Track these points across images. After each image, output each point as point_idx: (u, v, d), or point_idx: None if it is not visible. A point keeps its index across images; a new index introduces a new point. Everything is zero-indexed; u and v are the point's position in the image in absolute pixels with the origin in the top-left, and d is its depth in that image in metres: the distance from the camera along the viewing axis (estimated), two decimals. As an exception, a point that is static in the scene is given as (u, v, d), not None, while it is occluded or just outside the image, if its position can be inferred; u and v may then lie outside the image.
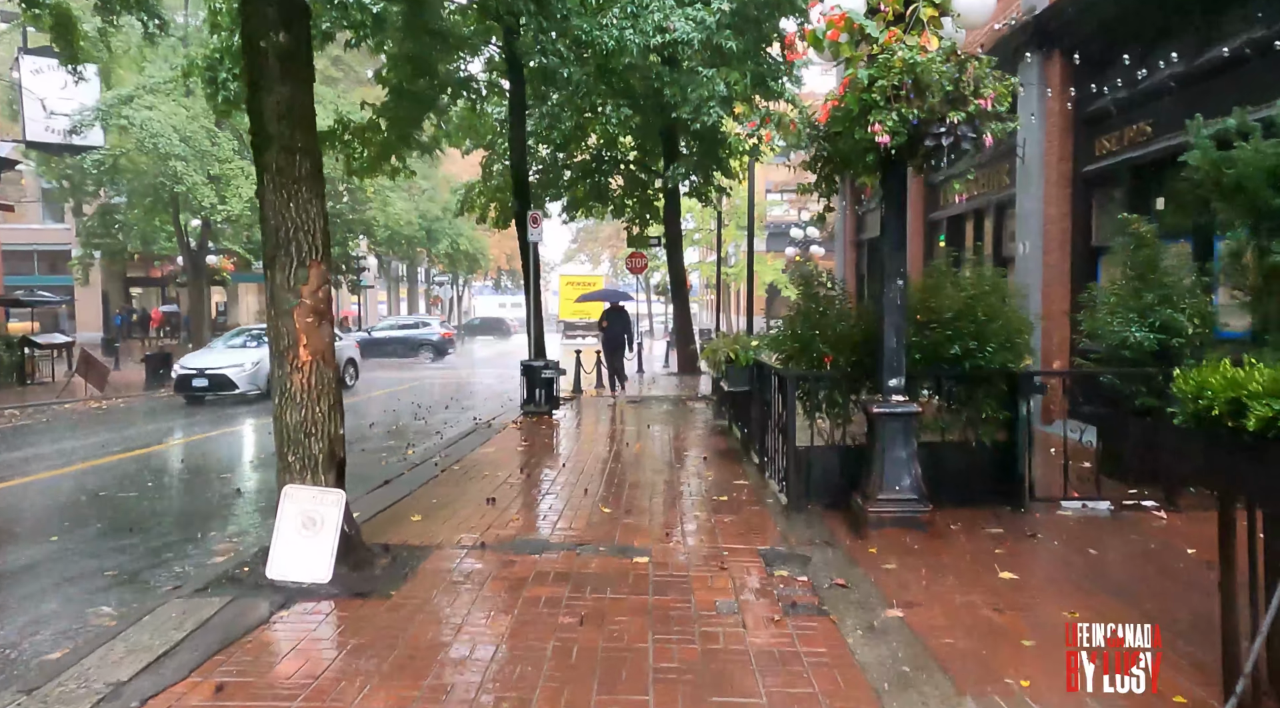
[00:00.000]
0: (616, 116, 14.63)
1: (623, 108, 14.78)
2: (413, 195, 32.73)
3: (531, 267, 13.35)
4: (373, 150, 14.59)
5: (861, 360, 6.47)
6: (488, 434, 10.83)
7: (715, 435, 10.62)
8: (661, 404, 14.39)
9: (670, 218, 20.72)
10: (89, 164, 19.87)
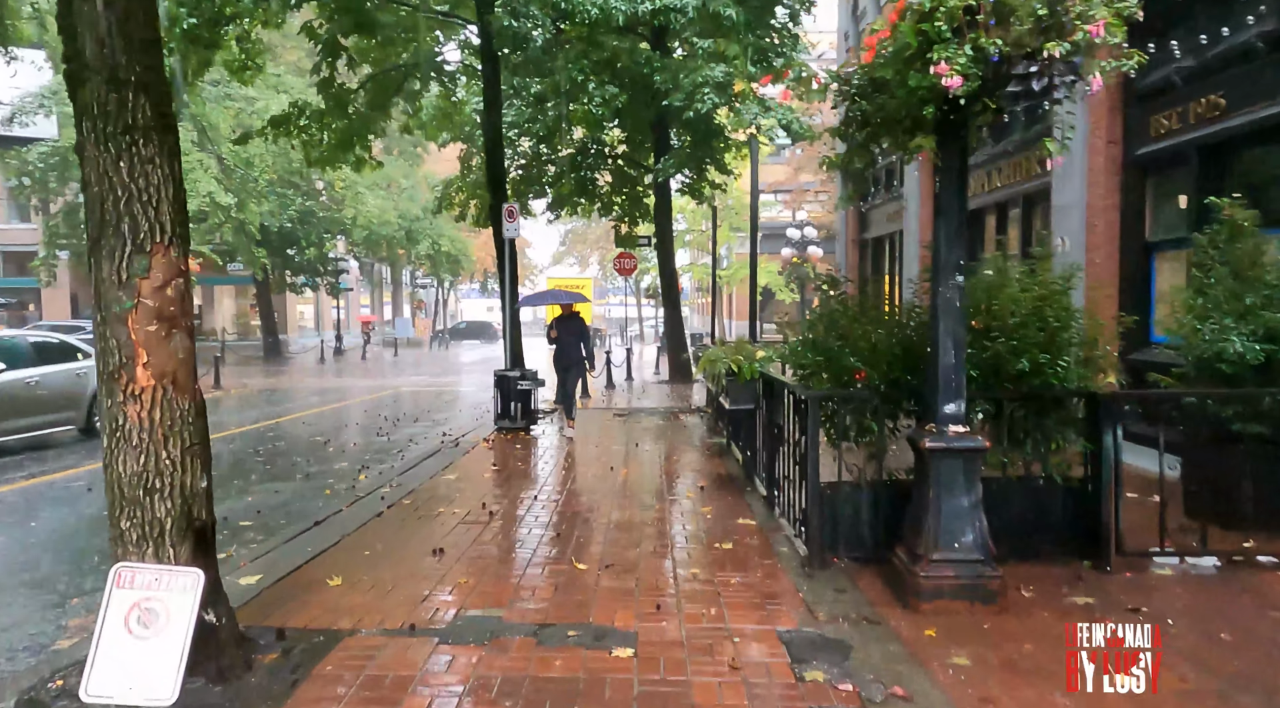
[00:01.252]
0: (601, 94, 13.30)
1: (608, 86, 13.47)
2: (392, 194, 31.34)
3: (507, 265, 12.03)
4: (333, 137, 13.25)
5: (900, 378, 5.18)
6: (453, 456, 9.49)
7: (712, 456, 9.31)
8: (651, 417, 13.07)
9: (661, 216, 19.42)
10: (35, 157, 18.43)
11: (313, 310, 47.65)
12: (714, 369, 7.62)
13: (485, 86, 12.72)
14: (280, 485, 8.47)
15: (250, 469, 9.41)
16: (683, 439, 10.78)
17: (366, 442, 11.50)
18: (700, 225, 37.36)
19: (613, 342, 45.03)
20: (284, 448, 10.95)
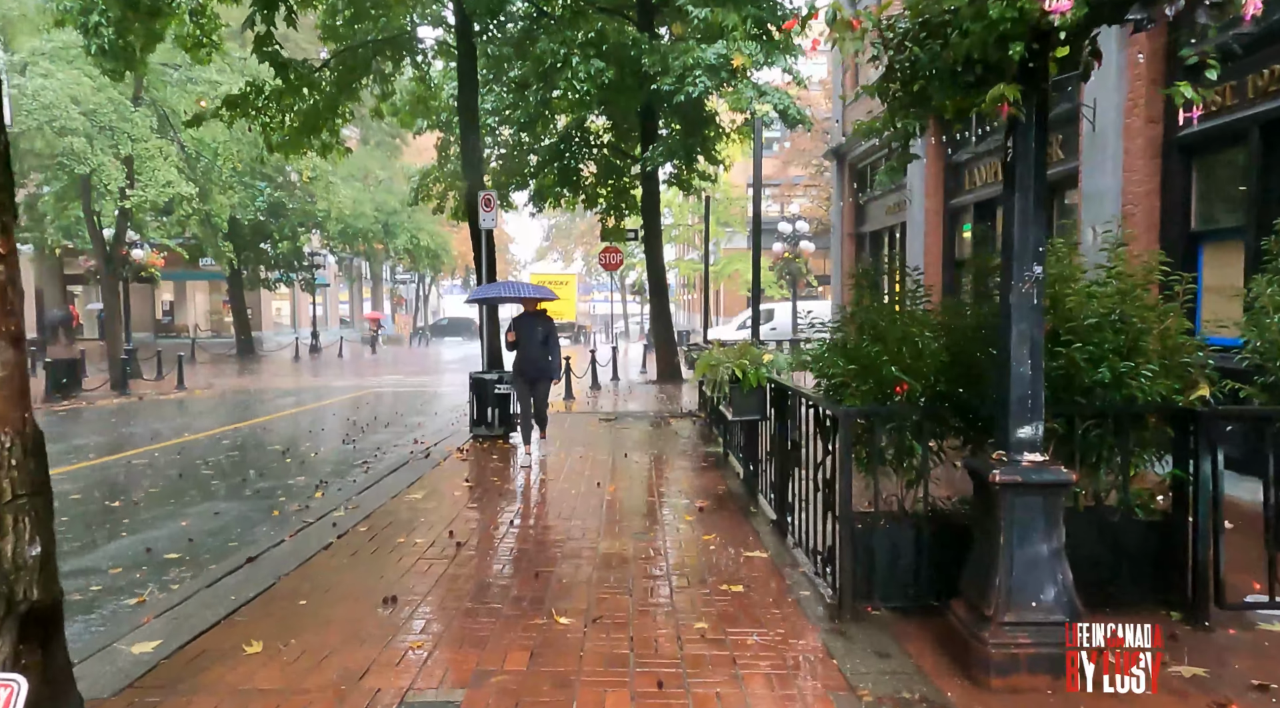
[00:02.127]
0: (586, 69, 12.32)
1: (593, 59, 12.50)
2: (368, 186, 30.22)
3: (484, 257, 11.08)
4: (296, 120, 12.22)
5: (948, 392, 4.30)
6: (422, 468, 8.54)
7: (709, 469, 8.42)
8: (640, 423, 12.16)
9: (648, 208, 18.50)
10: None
11: (290, 307, 46.36)
12: (714, 375, 6.73)
13: (459, 62, 11.76)
14: (223, 506, 7.50)
15: (193, 486, 8.42)
16: (675, 448, 9.87)
17: (330, 451, 10.52)
18: (687, 219, 36.50)
19: (597, 339, 44.21)
20: (237, 459, 9.95)
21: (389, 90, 14.16)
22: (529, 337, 9.07)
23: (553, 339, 9.20)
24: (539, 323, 9.19)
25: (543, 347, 9.10)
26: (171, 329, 41.64)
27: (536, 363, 9.12)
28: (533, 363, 9.12)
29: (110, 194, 16.01)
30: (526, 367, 9.17)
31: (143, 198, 16.48)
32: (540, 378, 9.23)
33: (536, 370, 9.17)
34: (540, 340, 9.07)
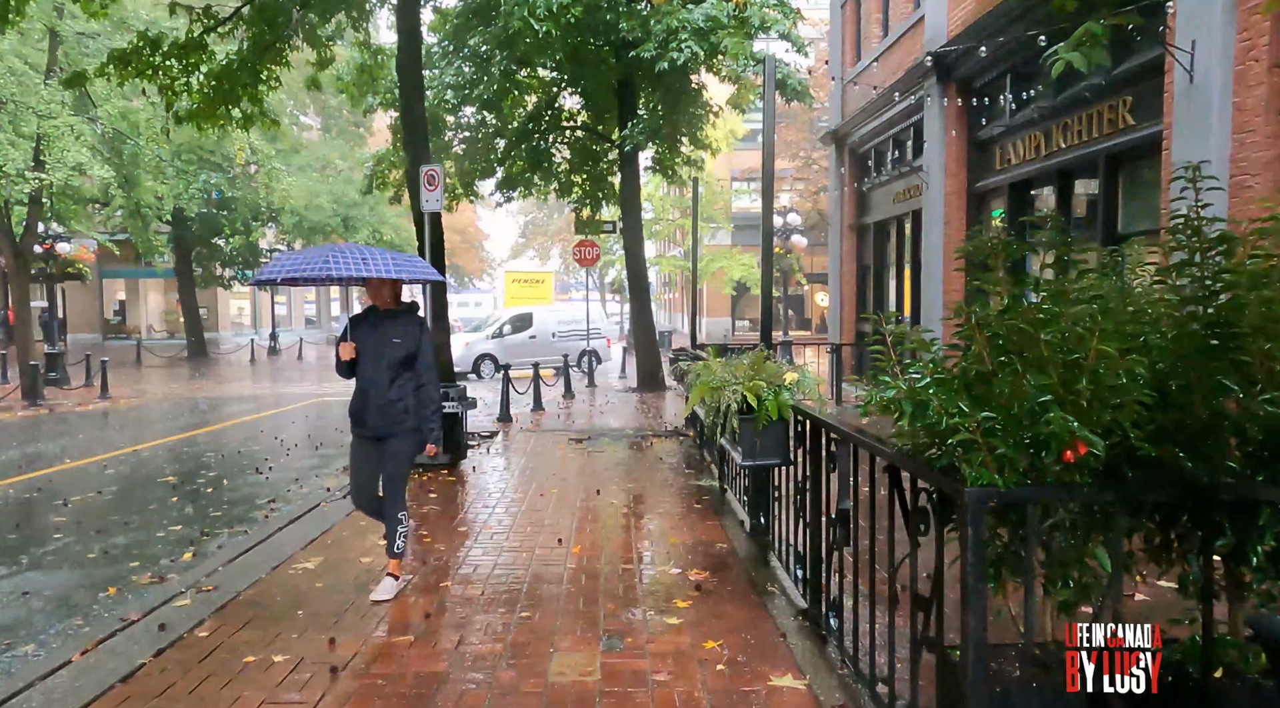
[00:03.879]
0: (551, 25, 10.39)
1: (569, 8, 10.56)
2: (327, 177, 28.10)
3: (429, 246, 9.14)
4: (205, 85, 10.22)
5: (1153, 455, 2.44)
6: (332, 517, 6.60)
7: (702, 513, 6.56)
8: (617, 443, 10.27)
9: (628, 197, 16.63)
10: None
11: (250, 307, 44.02)
12: (715, 401, 4.87)
13: (398, 7, 9.81)
14: (46, 576, 5.54)
15: (30, 540, 6.43)
16: (659, 481, 8.00)
17: (236, 484, 8.55)
18: (669, 214, 34.68)
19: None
20: (112, 497, 7.95)
21: (326, 57, 12.16)
22: (375, 354, 4.73)
23: (424, 359, 4.81)
24: (399, 327, 4.78)
25: (399, 373, 4.74)
26: (122, 330, 39.21)
27: (384, 407, 4.70)
28: (377, 407, 4.71)
29: (7, 178, 13.87)
30: (367, 413, 4.73)
31: (45, 182, 14.35)
32: (392, 435, 4.74)
33: (384, 420, 4.72)
34: (396, 361, 4.72)
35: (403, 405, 4.73)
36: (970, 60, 10.54)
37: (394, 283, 4.79)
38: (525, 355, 19.89)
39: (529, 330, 22.16)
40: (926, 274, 12.46)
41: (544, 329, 22.65)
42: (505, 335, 21.89)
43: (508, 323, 22.41)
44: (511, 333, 21.98)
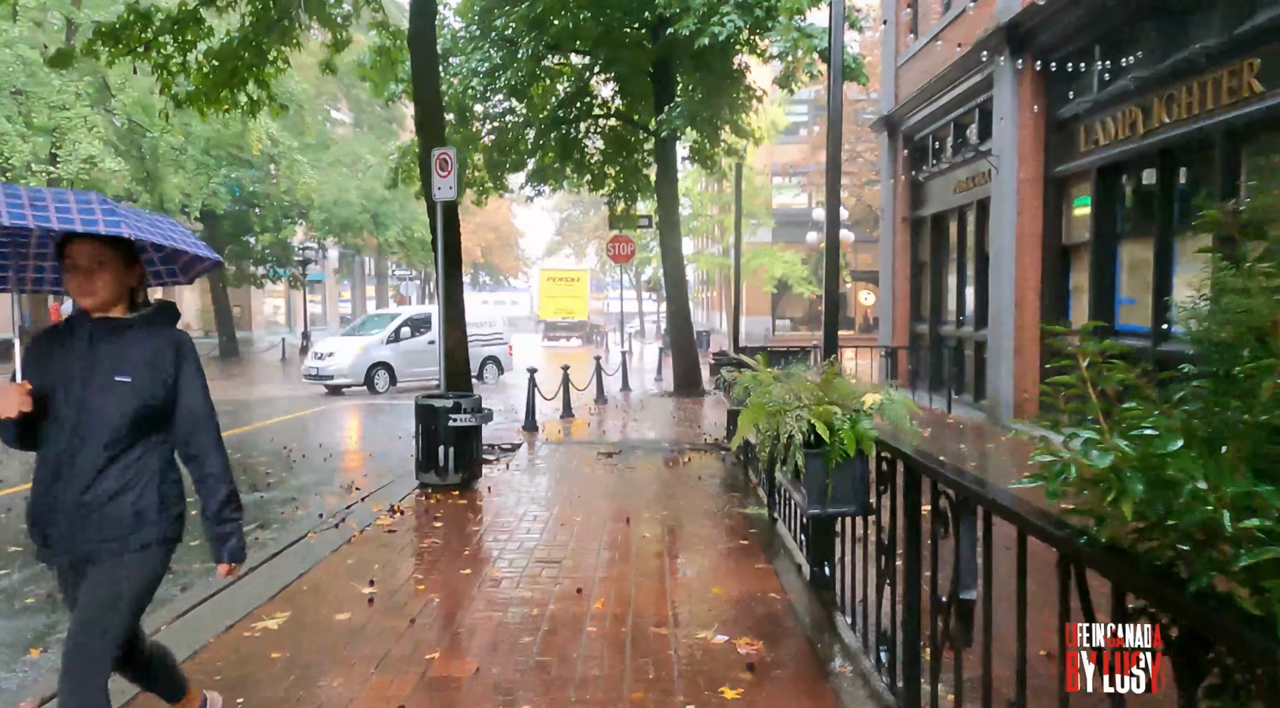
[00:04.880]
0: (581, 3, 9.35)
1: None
2: (356, 173, 27.45)
3: (440, 236, 8.19)
4: (205, 64, 9.39)
5: None
6: (318, 552, 5.65)
7: (750, 553, 5.49)
8: (650, 458, 9.23)
9: (664, 188, 15.62)
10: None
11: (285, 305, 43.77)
12: (773, 427, 3.82)
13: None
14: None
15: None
16: (698, 507, 6.94)
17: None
18: (707, 209, 33.53)
19: (610, 341, 41.24)
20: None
21: (342, 38, 11.30)
22: (72, 403, 2.42)
23: (191, 411, 2.56)
24: (130, 352, 2.46)
25: (125, 440, 2.45)
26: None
27: (85, 508, 2.42)
28: (73, 506, 2.42)
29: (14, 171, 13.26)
30: (55, 516, 2.44)
31: (54, 176, 13.72)
32: (97, 559, 2.46)
33: (84, 532, 2.44)
34: (119, 419, 2.42)
35: (129, 503, 2.45)
36: (1052, 27, 9.32)
37: (122, 269, 2.45)
38: (425, 363, 17.38)
39: (429, 334, 18.02)
40: (995, 270, 11.23)
41: None
42: (402, 340, 18.23)
43: (405, 324, 18.55)
44: (411, 336, 18.31)
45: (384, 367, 17.88)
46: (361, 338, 18.34)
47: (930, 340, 14.51)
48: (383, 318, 19.48)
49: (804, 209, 35.49)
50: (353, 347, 17.80)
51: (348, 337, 18.84)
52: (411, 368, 17.99)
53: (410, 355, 18.08)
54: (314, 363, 17.72)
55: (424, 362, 17.66)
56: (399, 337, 18.27)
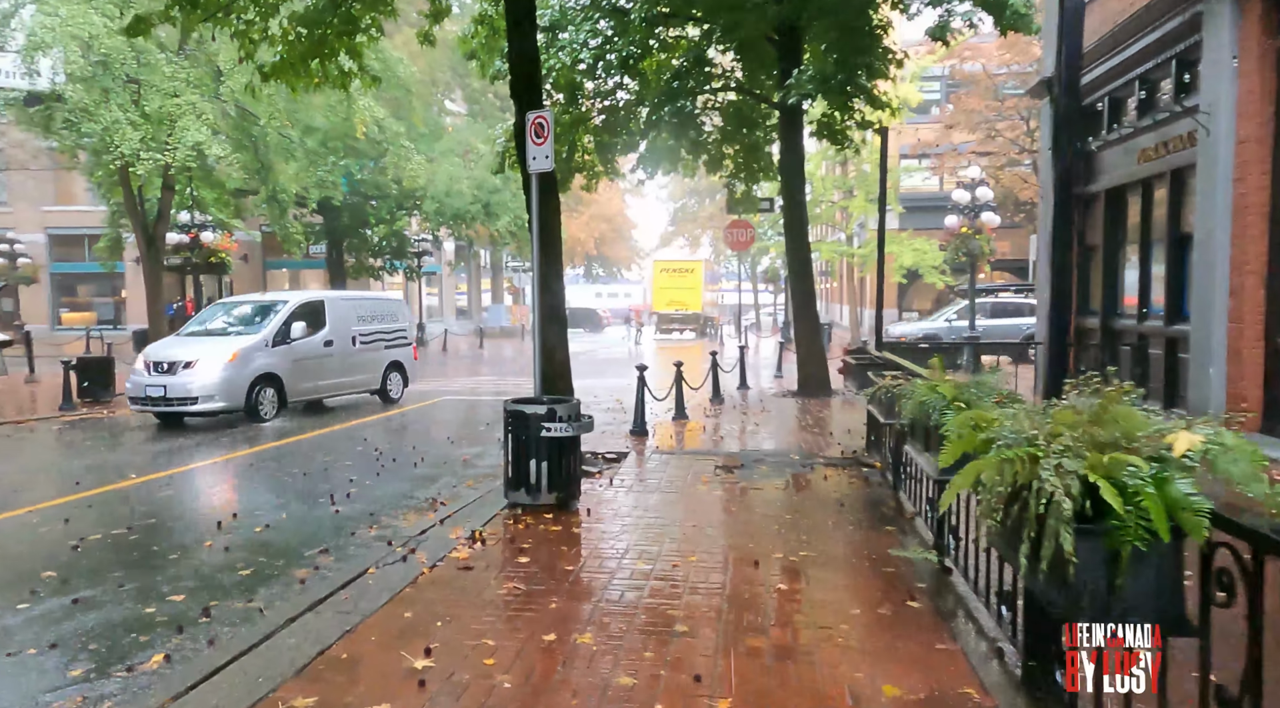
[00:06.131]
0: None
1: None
2: (468, 162, 27.04)
3: (535, 213, 7.07)
4: (289, 31, 8.61)
5: None
6: (374, 595, 4.59)
7: (925, 622, 4.07)
8: (776, 474, 7.84)
9: (789, 165, 14.13)
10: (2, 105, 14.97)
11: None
12: (1009, 481, 2.43)
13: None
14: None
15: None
16: (843, 547, 5.52)
17: (293, 519, 6.80)
18: (830, 195, 31.55)
19: (725, 333, 39.78)
20: (134, 534, 6.34)
21: (441, 5, 10.39)
22: None
23: None
24: None
25: None
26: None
27: None
28: None
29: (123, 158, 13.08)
30: None
31: (160, 163, 13.49)
32: None
33: None
34: None
35: None
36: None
37: None
38: (319, 375, 13.17)
39: (324, 332, 13.38)
40: (1200, 251, 9.24)
41: (342, 331, 13.67)
42: (294, 340, 12.84)
43: (297, 317, 13.04)
44: (302, 337, 12.96)
45: (270, 381, 12.35)
46: (231, 339, 12.45)
47: (1101, 337, 12.45)
48: (256, 309, 13.38)
49: (935, 193, 32.96)
50: (220, 352, 11.92)
51: (203, 337, 12.73)
52: (305, 381, 12.93)
53: (305, 365, 12.92)
54: (154, 379, 11.70)
55: (322, 372, 13.23)
56: (289, 336, 12.73)
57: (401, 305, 15.50)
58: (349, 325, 13.77)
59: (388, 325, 14.61)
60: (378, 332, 14.26)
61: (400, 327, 15.04)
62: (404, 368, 14.96)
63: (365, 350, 14.02)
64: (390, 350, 14.58)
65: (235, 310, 13.67)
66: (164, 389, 11.55)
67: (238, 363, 11.93)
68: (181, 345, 12.39)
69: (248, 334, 12.55)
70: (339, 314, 13.68)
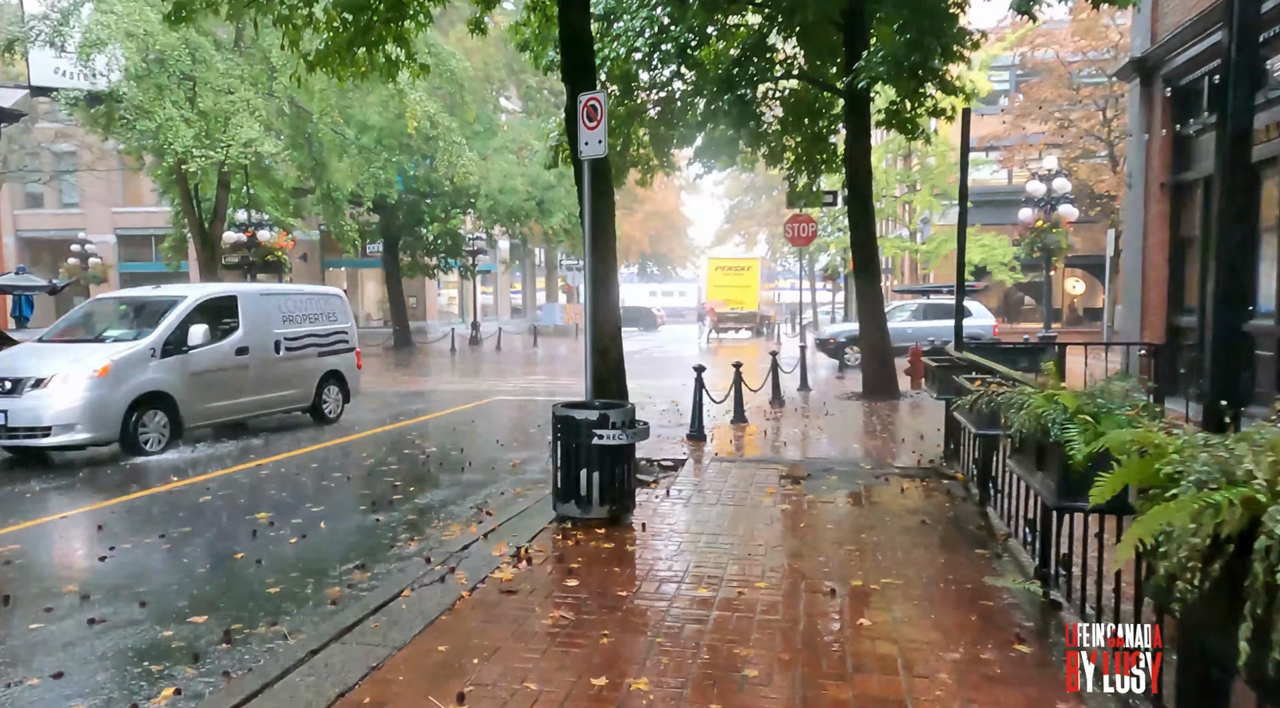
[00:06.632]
0: None
1: None
2: (522, 159, 26.77)
3: (587, 203, 6.57)
4: (334, 17, 8.27)
5: None
6: (407, 623, 4.13)
7: (1035, 671, 3.41)
8: (846, 485, 7.21)
9: (855, 154, 13.42)
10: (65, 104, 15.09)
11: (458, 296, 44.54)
12: (1209, 529, 1.84)
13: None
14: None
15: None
16: (931, 577, 4.87)
17: (332, 529, 6.42)
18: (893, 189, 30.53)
19: (783, 333, 38.88)
20: (168, 540, 6.02)
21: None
22: None
23: None
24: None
25: None
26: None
27: None
28: None
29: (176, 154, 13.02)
30: None
31: (215, 159, 13.40)
32: None
33: None
34: None
35: None
36: None
37: None
38: (230, 392, 10.35)
39: (234, 337, 10.53)
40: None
41: (260, 334, 10.87)
42: (191, 349, 9.90)
43: (197, 318, 10.11)
44: (204, 343, 10.05)
45: (157, 402, 9.49)
46: (104, 347, 9.53)
47: (1200, 337, 11.46)
48: (142, 308, 10.58)
49: (1004, 187, 31.69)
50: (84, 366, 9.02)
51: (67, 344, 9.81)
52: (208, 400, 10.07)
53: (207, 379, 10.06)
54: None
55: (233, 388, 10.37)
56: (185, 342, 9.84)
57: (341, 301, 12.57)
58: (270, 327, 10.99)
59: (323, 327, 11.87)
60: (310, 335, 11.60)
61: (339, 328, 12.21)
62: (344, 379, 12.20)
63: (293, 358, 11.26)
64: (326, 358, 11.87)
65: (114, 309, 10.90)
66: (3, 417, 8.61)
67: (109, 380, 8.96)
68: (34, 356, 9.44)
69: (127, 341, 9.59)
70: (257, 313, 10.86)
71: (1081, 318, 35.55)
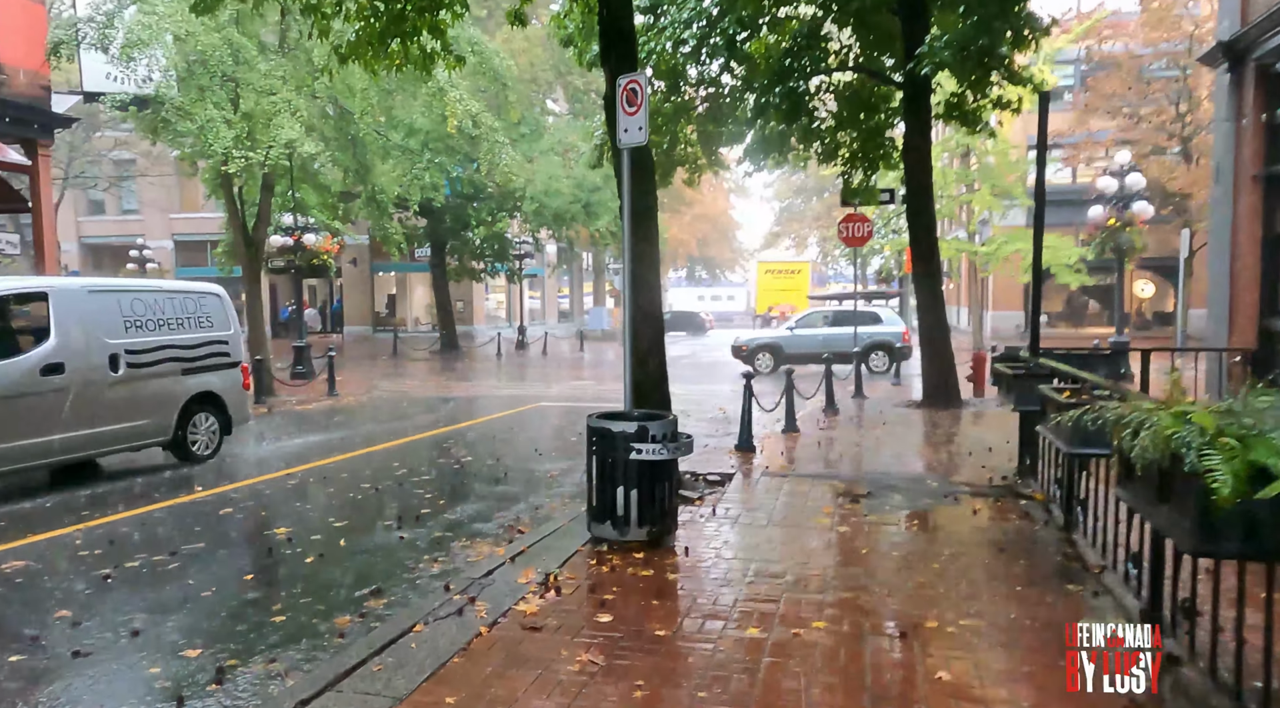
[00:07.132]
0: None
1: None
2: (568, 161, 26.38)
3: (627, 194, 6.06)
4: (363, 7, 7.89)
5: None
6: (418, 663, 3.63)
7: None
8: (909, 504, 6.54)
9: (915, 147, 12.71)
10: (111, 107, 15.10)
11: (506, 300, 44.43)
12: None
13: None
14: None
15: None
16: (1016, 615, 4.22)
17: (352, 547, 5.99)
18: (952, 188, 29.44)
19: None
20: (178, 559, 5.64)
21: (532, -18, 9.58)
22: None
23: None
24: None
25: None
26: (390, 323, 40.82)
27: None
28: None
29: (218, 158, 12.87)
30: None
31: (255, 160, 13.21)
32: None
33: None
34: None
35: None
36: None
37: None
38: (36, 426, 7.51)
39: (41, 350, 7.64)
40: None
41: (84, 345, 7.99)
42: None
43: None
44: None
45: None
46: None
47: (1298, 343, 10.50)
48: None
49: (1068, 186, 30.40)
50: None
51: None
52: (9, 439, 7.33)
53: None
54: None
55: (40, 422, 7.55)
56: None
57: (219, 302, 9.63)
58: (101, 336, 8.13)
59: (189, 336, 9.01)
60: (168, 346, 8.75)
61: (216, 337, 9.35)
62: (223, 404, 9.38)
63: (140, 378, 8.45)
64: (195, 377, 9.06)
65: None
66: None
67: None
68: None
69: None
70: (80, 317, 7.99)
71: (1150, 322, 33.97)
